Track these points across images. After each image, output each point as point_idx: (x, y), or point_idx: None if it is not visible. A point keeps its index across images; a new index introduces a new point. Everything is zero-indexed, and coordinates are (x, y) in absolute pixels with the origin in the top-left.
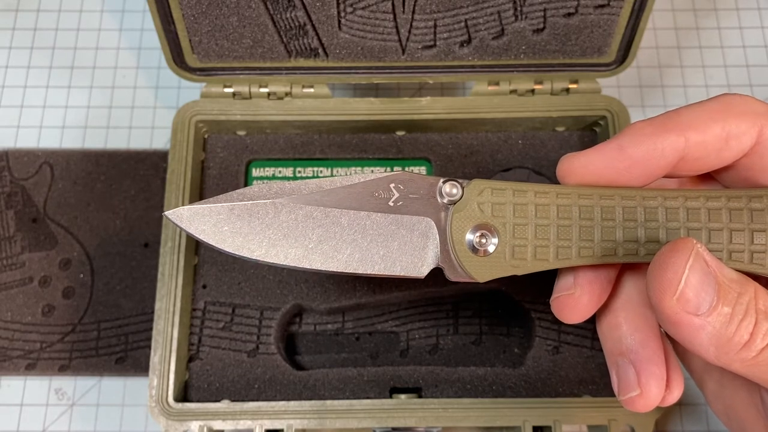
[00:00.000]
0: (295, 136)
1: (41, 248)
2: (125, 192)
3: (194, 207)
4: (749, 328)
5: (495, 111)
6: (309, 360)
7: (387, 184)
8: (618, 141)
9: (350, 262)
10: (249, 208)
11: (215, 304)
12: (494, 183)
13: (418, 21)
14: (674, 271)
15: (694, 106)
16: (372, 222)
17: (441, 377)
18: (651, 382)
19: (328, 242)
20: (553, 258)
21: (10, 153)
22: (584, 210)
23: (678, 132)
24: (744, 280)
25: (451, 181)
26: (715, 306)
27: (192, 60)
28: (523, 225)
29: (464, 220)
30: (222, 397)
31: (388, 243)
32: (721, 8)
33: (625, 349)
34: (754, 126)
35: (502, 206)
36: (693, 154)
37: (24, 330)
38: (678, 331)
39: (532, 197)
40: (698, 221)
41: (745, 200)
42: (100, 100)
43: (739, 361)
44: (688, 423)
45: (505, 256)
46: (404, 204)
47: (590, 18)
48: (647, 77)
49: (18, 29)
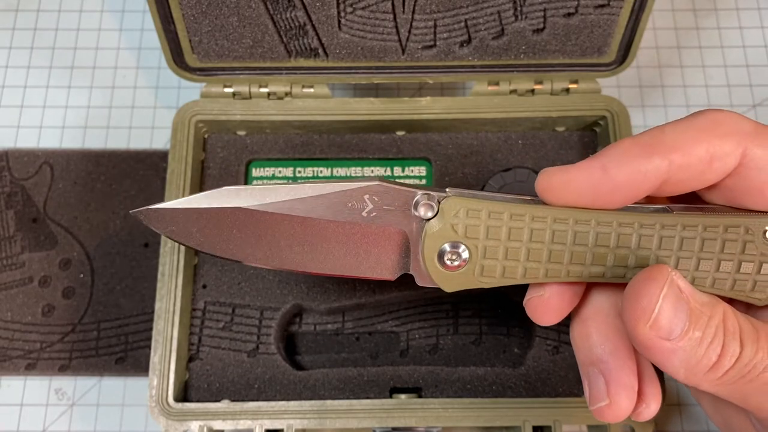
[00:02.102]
0: (295, 136)
1: (41, 248)
2: (125, 192)
3: (161, 208)
4: (717, 350)
5: (495, 111)
6: (309, 360)
7: (361, 195)
8: (601, 161)
9: (321, 265)
10: (216, 212)
11: (215, 304)
12: (470, 202)
13: (418, 21)
14: (648, 300)
15: (677, 125)
16: (344, 231)
17: (441, 377)
18: (620, 393)
19: (298, 246)
20: (521, 276)
21: (10, 153)
22: (557, 234)
23: (662, 154)
24: (714, 302)
25: (427, 198)
26: (686, 331)
27: (192, 60)
28: (494, 247)
29: (437, 237)
30: (222, 397)
31: (359, 250)
32: (721, 8)
33: (595, 358)
34: (738, 147)
35: (476, 228)
36: (676, 176)
37: (24, 330)
38: (651, 355)
39: (507, 219)
40: (669, 249)
41: (721, 229)
42: (100, 100)
43: (707, 382)
44: (688, 423)
45: (474, 273)
46: (378, 215)
47: (590, 18)
48: (647, 77)
49: (18, 29)
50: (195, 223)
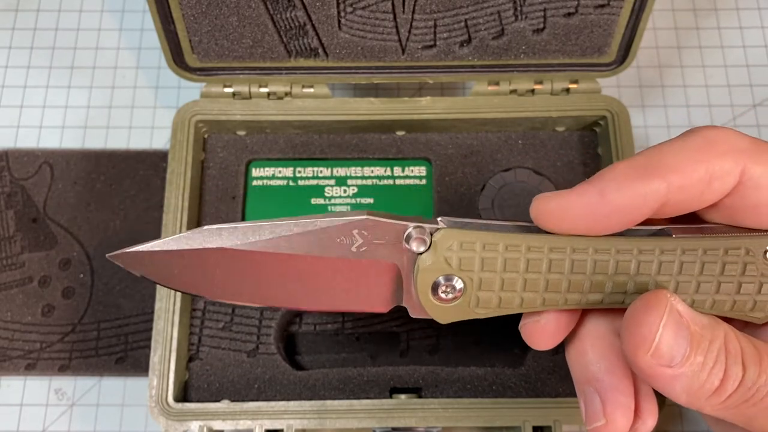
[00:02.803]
0: (295, 136)
1: (41, 248)
2: (125, 192)
3: (140, 250)
4: (719, 374)
5: (495, 111)
6: (309, 360)
7: (349, 230)
8: (598, 186)
9: (311, 302)
10: (198, 253)
11: (215, 304)
12: (464, 234)
13: (418, 21)
14: (648, 328)
15: (673, 145)
16: (333, 267)
17: (441, 377)
18: (617, 412)
19: (285, 285)
20: (518, 306)
21: (10, 153)
22: (555, 263)
23: (660, 177)
24: (714, 323)
25: (419, 235)
26: (687, 356)
27: (192, 60)
28: (490, 278)
29: (430, 271)
30: (222, 397)
31: (350, 285)
32: (721, 8)
33: (591, 376)
34: (737, 165)
35: (471, 260)
36: (675, 197)
37: (24, 330)
38: (652, 382)
39: (502, 250)
40: (669, 274)
41: (721, 252)
42: (100, 100)
43: (710, 406)
44: (688, 423)
45: (469, 304)
46: (368, 250)
47: (590, 18)
48: (647, 77)
49: (18, 29)
50: (176, 264)
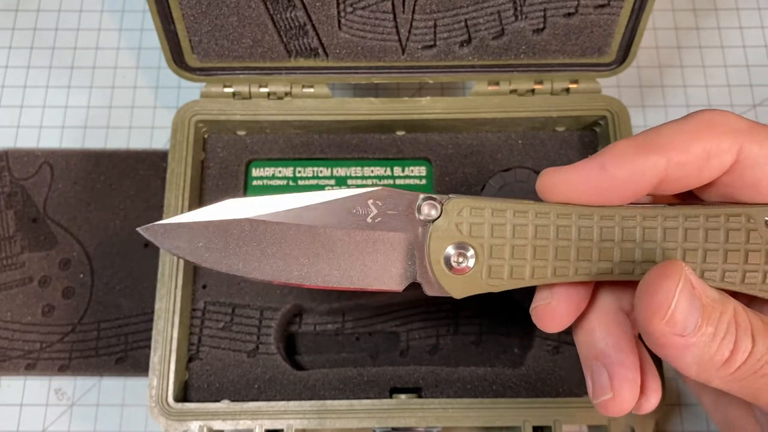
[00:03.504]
0: (295, 136)
1: (41, 248)
2: (125, 192)
3: (168, 223)
4: (729, 345)
5: (495, 111)
6: (309, 360)
7: (365, 200)
8: (600, 160)
9: (328, 277)
10: (224, 225)
11: (215, 304)
12: (473, 201)
13: (418, 21)
14: (665, 295)
15: (674, 125)
16: (350, 239)
17: (441, 377)
18: (624, 386)
19: (305, 258)
20: (529, 277)
21: (10, 153)
22: (562, 230)
23: (660, 152)
24: (724, 298)
25: (430, 200)
26: (699, 326)
27: (192, 60)
28: (500, 245)
29: (442, 239)
30: (222, 397)
31: (365, 259)
32: (721, 8)
33: (598, 352)
34: (734, 144)
35: (480, 226)
36: (674, 174)
37: (24, 330)
38: (665, 351)
39: (511, 216)
40: (674, 241)
41: (723, 219)
42: (100, 100)
43: (719, 378)
44: (688, 423)
45: (481, 275)
46: (382, 220)
47: (590, 18)
48: (647, 77)
49: (18, 29)
50: (201, 237)
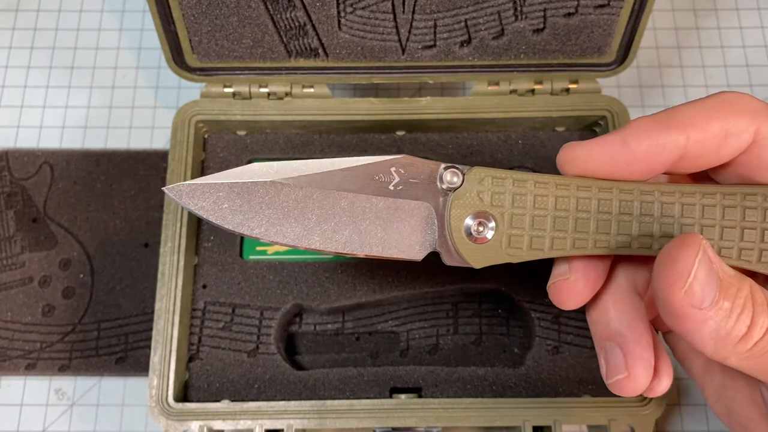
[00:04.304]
0: (295, 136)
1: (41, 248)
2: (125, 192)
3: (194, 183)
4: (747, 321)
5: (495, 111)
6: (309, 360)
7: (388, 167)
8: (621, 135)
9: (348, 243)
10: (249, 187)
11: (215, 304)
12: (495, 171)
13: (418, 21)
14: (684, 264)
15: (693, 104)
16: (371, 205)
17: (441, 377)
18: (638, 364)
19: (326, 223)
20: (548, 248)
21: (10, 153)
22: (582, 202)
23: (679, 129)
24: (740, 276)
25: (452, 168)
26: (716, 300)
27: (192, 60)
28: (520, 215)
29: (463, 207)
30: (222, 397)
31: (386, 226)
32: (721, 8)
33: (613, 332)
34: (751, 124)
35: (501, 195)
36: (693, 151)
37: (24, 330)
38: (682, 324)
39: (532, 187)
40: (692, 217)
41: (739, 197)
42: (100, 100)
43: (735, 354)
44: (688, 423)
45: (501, 245)
46: (404, 188)
47: (590, 18)
48: (647, 77)
49: (18, 29)
50: (226, 198)
